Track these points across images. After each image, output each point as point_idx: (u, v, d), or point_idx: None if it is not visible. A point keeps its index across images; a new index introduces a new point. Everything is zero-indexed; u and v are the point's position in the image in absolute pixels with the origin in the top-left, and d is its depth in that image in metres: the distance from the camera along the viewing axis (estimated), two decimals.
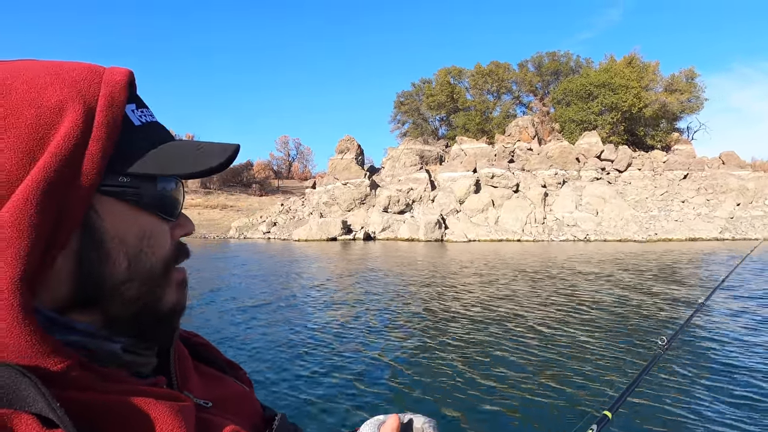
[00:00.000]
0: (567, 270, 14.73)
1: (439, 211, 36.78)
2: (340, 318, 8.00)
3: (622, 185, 39.65)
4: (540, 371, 5.27)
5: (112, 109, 0.45)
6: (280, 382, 4.95)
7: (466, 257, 19.89)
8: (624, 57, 50.71)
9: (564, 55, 57.88)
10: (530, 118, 47.37)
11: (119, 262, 0.46)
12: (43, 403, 0.36)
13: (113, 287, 0.46)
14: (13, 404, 0.35)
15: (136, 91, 0.52)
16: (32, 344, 0.38)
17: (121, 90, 0.47)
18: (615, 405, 1.52)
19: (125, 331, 0.48)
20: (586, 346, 6.17)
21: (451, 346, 6.29)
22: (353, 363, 5.56)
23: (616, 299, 9.51)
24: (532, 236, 33.18)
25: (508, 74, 57.71)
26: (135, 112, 0.49)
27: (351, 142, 45.26)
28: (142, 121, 0.50)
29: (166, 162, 0.48)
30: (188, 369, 0.59)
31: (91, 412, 0.40)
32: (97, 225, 0.45)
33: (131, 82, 0.50)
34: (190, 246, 0.51)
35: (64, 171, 0.41)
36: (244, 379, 0.67)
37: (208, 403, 0.55)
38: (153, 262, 0.49)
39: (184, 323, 0.50)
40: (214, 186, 73.55)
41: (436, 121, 61.41)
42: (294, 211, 45.47)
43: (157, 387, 0.48)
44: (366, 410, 4.22)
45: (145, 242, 0.48)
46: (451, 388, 4.79)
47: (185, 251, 0.55)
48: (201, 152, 0.51)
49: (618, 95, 45.09)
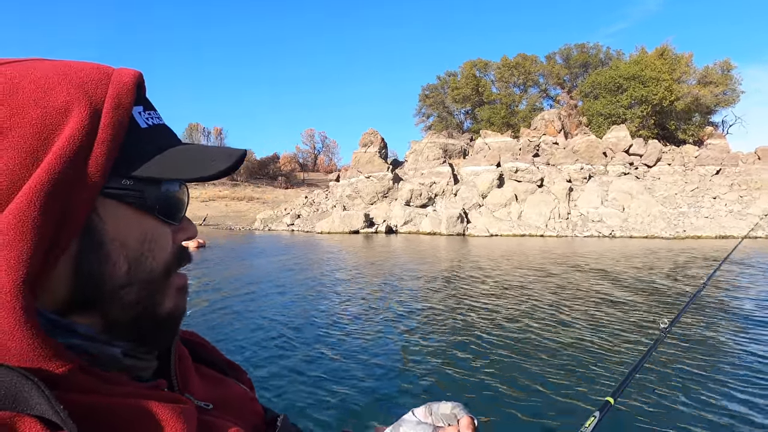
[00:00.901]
0: (596, 265, 14.61)
1: (462, 205, 36.65)
2: (358, 312, 8.20)
3: (650, 180, 38.71)
4: (546, 363, 5.37)
5: (119, 111, 0.45)
6: (288, 376, 5.17)
7: (488, 252, 19.87)
8: (656, 48, 49.26)
9: (593, 47, 56.59)
10: (557, 112, 46.57)
11: (119, 266, 0.46)
12: (46, 405, 0.36)
13: (113, 290, 0.46)
14: (16, 407, 0.35)
15: (144, 93, 0.51)
16: (34, 347, 0.38)
17: (128, 92, 0.47)
18: (617, 391, 1.49)
19: (125, 334, 0.48)
20: (591, 340, 6.22)
21: (465, 337, 6.41)
22: (369, 356, 5.75)
23: (629, 295, 9.44)
24: (556, 232, 32.77)
25: (535, 67, 56.79)
26: (142, 115, 0.49)
27: (374, 135, 45.39)
28: (149, 123, 0.50)
29: (171, 166, 0.48)
30: (188, 370, 0.59)
31: (93, 415, 0.40)
32: (99, 227, 0.44)
33: (140, 84, 0.50)
34: (214, 237, 0.54)
35: (68, 173, 0.41)
36: (245, 380, 0.68)
37: (209, 405, 0.55)
38: (153, 266, 0.49)
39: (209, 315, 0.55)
40: (241, 178, 74.86)
41: (461, 115, 60.98)
42: (318, 203, 45.95)
43: (157, 390, 0.48)
44: (383, 403, 4.33)
45: (146, 246, 0.48)
46: (457, 378, 4.95)
47: (187, 256, 0.54)
48: (206, 156, 0.50)
49: (648, 88, 43.86)
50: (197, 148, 0.51)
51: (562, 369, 5.14)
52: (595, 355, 5.64)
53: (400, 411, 0.61)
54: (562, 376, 4.93)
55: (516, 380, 4.85)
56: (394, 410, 4.07)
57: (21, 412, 0.35)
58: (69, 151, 0.41)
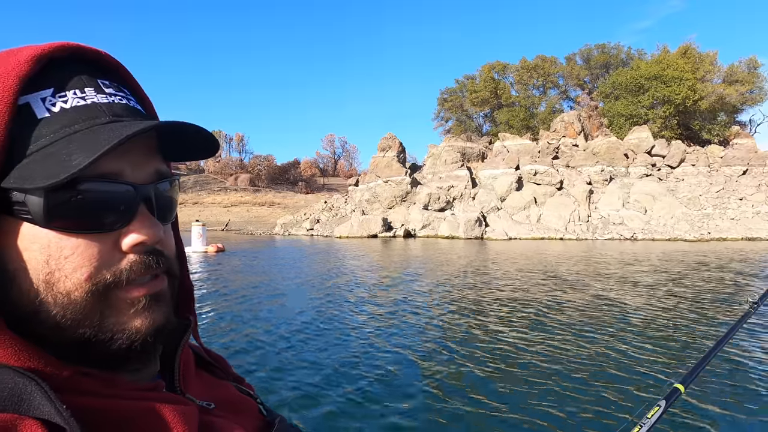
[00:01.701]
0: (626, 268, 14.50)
1: (480, 208, 36.57)
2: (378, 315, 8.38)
3: (673, 182, 37.99)
4: (604, 354, 5.49)
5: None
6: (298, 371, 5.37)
7: (509, 255, 19.84)
8: (679, 47, 48.41)
9: (614, 47, 55.91)
10: (576, 113, 46.08)
11: (26, 289, 0.41)
12: (49, 407, 0.35)
13: (30, 315, 0.41)
14: (19, 408, 0.34)
15: (74, 69, 0.44)
16: (25, 356, 0.37)
17: (10, 77, 0.40)
18: (690, 377, 1.34)
19: (84, 358, 0.43)
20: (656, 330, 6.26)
21: (509, 331, 6.53)
22: (391, 357, 5.85)
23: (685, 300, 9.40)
24: (576, 235, 32.43)
25: (555, 68, 56.40)
26: (48, 100, 0.42)
27: (393, 140, 45.65)
28: (54, 110, 0.42)
29: (57, 165, 0.39)
30: (190, 372, 0.57)
31: (94, 417, 0.39)
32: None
33: (55, 60, 0.43)
34: (236, 242, 0.51)
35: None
36: (246, 386, 0.67)
37: (210, 404, 0.53)
38: (69, 287, 0.41)
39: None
40: (262, 184, 76.09)
41: (480, 118, 60.87)
42: (337, 208, 46.40)
43: (157, 391, 0.47)
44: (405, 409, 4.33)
45: (53, 264, 0.41)
46: (512, 368, 5.12)
47: (147, 264, 0.45)
48: (74, 151, 0.40)
49: (671, 88, 43.09)
50: (97, 133, 0.42)
51: (620, 360, 5.26)
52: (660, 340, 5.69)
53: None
54: (624, 367, 5.01)
55: (577, 370, 4.99)
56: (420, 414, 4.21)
57: (24, 414, 0.34)
58: None
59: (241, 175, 77.70)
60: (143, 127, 0.41)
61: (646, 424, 1.15)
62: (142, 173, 0.46)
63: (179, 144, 0.50)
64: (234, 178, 76.74)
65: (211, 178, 78.10)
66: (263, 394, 4.26)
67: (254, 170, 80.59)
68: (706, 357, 1.45)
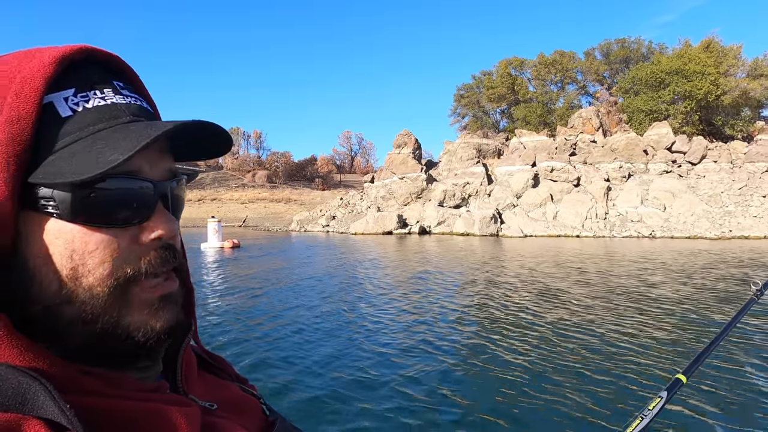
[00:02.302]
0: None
1: (495, 205, 36.40)
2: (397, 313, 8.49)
3: (694, 179, 37.25)
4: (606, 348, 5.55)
5: (19, 102, 0.39)
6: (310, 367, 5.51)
7: (525, 253, 19.77)
8: (701, 41, 47.33)
9: (635, 42, 54.92)
10: (594, 109, 45.45)
11: (47, 284, 0.41)
12: (53, 407, 0.35)
13: (46, 310, 0.41)
14: (23, 408, 0.34)
15: (93, 70, 0.46)
16: (29, 356, 0.37)
17: (38, 77, 0.40)
18: (692, 367, 1.31)
19: (93, 356, 0.44)
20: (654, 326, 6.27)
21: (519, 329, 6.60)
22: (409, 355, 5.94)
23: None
24: (592, 232, 32.07)
25: (573, 63, 55.63)
26: (71, 100, 0.43)
27: (408, 136, 45.63)
28: (77, 109, 0.43)
29: (84, 162, 0.40)
30: (192, 373, 0.57)
31: (98, 417, 0.39)
32: (18, 245, 0.40)
33: (74, 61, 0.44)
34: (253, 237, 0.55)
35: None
36: (249, 387, 0.67)
37: (213, 405, 0.53)
38: (92, 282, 0.42)
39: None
40: (279, 180, 76.69)
41: (497, 114, 60.45)
42: (353, 205, 46.60)
43: (160, 392, 0.47)
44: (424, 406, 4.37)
45: (77, 259, 0.41)
46: (515, 363, 5.17)
47: (164, 259, 0.47)
48: (102, 148, 0.41)
49: (692, 82, 42.18)
50: (122, 131, 0.43)
51: (621, 354, 5.28)
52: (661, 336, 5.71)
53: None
54: (624, 360, 5.04)
55: (578, 362, 5.01)
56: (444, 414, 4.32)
57: (28, 414, 0.34)
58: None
59: (259, 171, 78.43)
60: (175, 126, 0.42)
61: (647, 416, 1.13)
62: (158, 171, 0.48)
63: (191, 144, 0.51)
64: (251, 174, 77.50)
65: (230, 174, 79.03)
66: (277, 394, 4.41)
67: (271, 167, 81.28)
68: (709, 347, 1.40)
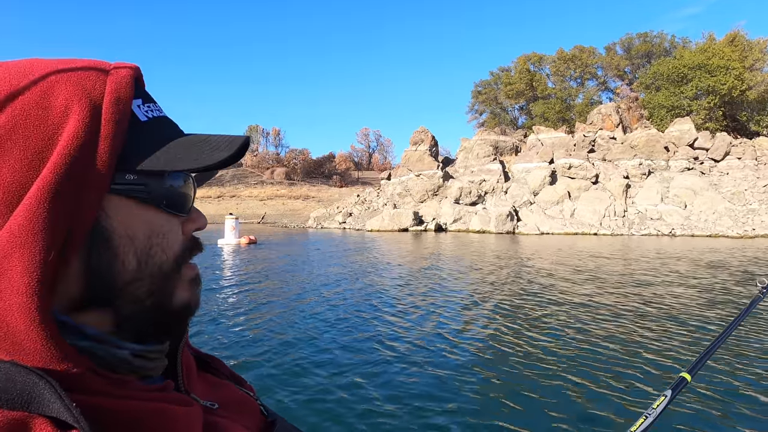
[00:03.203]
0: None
1: (512, 203, 36.22)
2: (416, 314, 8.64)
3: (717, 176, 36.48)
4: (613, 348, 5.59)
5: (119, 105, 0.45)
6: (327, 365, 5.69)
7: (542, 251, 19.71)
8: (726, 35, 46.24)
9: (657, 36, 53.95)
10: (614, 105, 44.79)
11: (128, 261, 0.46)
12: (60, 405, 0.36)
13: (123, 286, 0.46)
14: (29, 406, 0.35)
15: (143, 87, 0.52)
16: (49, 348, 0.38)
17: (126, 86, 0.47)
18: (697, 365, 1.29)
19: (137, 330, 0.48)
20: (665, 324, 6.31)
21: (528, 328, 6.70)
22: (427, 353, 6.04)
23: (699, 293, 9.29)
24: (611, 230, 31.71)
25: (593, 59, 54.90)
26: (141, 108, 0.49)
27: (425, 133, 45.62)
28: (149, 116, 0.50)
29: (173, 157, 0.48)
30: (192, 373, 0.60)
31: (103, 416, 0.40)
32: (106, 224, 0.44)
33: (137, 77, 0.50)
34: (270, 234, 0.63)
35: (74, 170, 0.41)
36: (247, 387, 0.69)
37: (214, 404, 0.56)
38: (163, 260, 0.48)
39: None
40: (298, 177, 77.32)
41: (515, 111, 59.99)
42: (369, 202, 46.82)
43: (166, 391, 0.49)
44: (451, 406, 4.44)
45: (154, 239, 0.48)
46: (520, 362, 5.29)
47: (198, 246, 0.55)
48: (207, 146, 0.50)
49: (716, 77, 41.26)
50: (198, 138, 0.51)
51: (627, 351, 5.33)
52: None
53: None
54: (631, 356, 5.08)
55: (581, 361, 5.10)
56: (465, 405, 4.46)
57: (35, 412, 0.35)
58: (73, 148, 0.41)
59: (277, 168, 79.15)
60: (246, 138, 0.51)
61: (651, 414, 1.13)
62: None
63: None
64: (270, 171, 78.24)
65: (249, 171, 79.94)
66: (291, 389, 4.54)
67: (290, 164, 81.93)
68: (713, 345, 1.38)
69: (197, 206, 0.55)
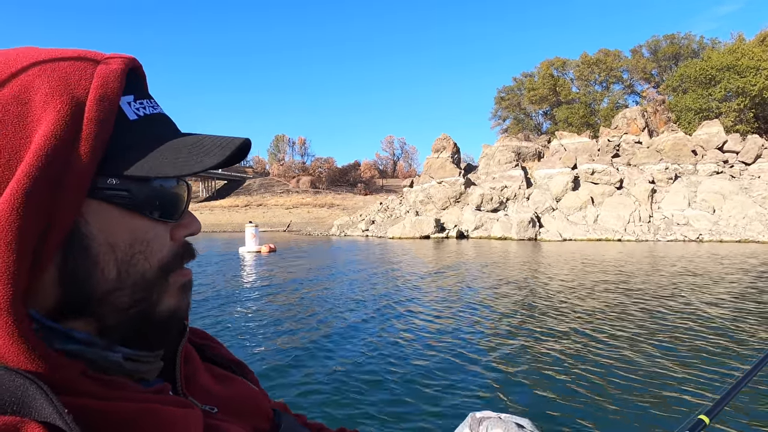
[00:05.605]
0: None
1: (534, 209, 35.97)
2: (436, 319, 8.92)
3: (747, 180, 35.38)
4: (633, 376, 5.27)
5: (104, 102, 0.42)
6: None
7: (566, 259, 19.63)
8: (757, 35, 44.97)
9: (685, 38, 52.88)
10: (640, 109, 44.01)
11: (108, 270, 0.43)
12: (51, 410, 0.35)
13: (103, 296, 0.43)
14: (21, 411, 0.34)
15: (140, 81, 0.49)
16: (26, 352, 0.37)
17: (115, 80, 0.44)
18: (715, 408, 1.23)
19: (124, 338, 0.45)
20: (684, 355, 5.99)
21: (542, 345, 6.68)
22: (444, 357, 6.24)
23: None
24: (635, 236, 31.15)
25: (618, 62, 54.13)
26: (132, 105, 0.46)
27: (447, 140, 45.77)
28: (140, 114, 0.46)
29: (159, 162, 0.44)
30: (195, 371, 0.57)
31: (96, 420, 0.39)
32: (85, 230, 0.42)
33: (132, 70, 0.47)
34: (293, 241, 0.66)
35: (50, 173, 0.38)
36: (252, 379, 0.67)
37: (213, 408, 0.54)
38: (146, 268, 0.45)
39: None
40: (323, 186, 78.35)
41: (539, 116, 59.55)
42: (392, 209, 47.19)
43: (162, 394, 0.47)
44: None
45: (137, 248, 0.45)
46: (537, 388, 5.00)
47: (190, 252, 0.51)
48: (199, 150, 0.46)
49: (746, 78, 40.17)
50: (191, 140, 0.48)
51: (646, 383, 4.99)
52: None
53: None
54: (648, 391, 4.78)
55: (597, 394, 4.81)
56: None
57: (26, 417, 0.34)
58: (48, 148, 0.39)
59: (303, 177, 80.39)
60: (244, 141, 0.48)
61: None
62: None
63: None
64: (296, 180, 79.52)
65: (275, 180, 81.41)
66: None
67: (315, 172, 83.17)
68: (735, 386, 1.30)
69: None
